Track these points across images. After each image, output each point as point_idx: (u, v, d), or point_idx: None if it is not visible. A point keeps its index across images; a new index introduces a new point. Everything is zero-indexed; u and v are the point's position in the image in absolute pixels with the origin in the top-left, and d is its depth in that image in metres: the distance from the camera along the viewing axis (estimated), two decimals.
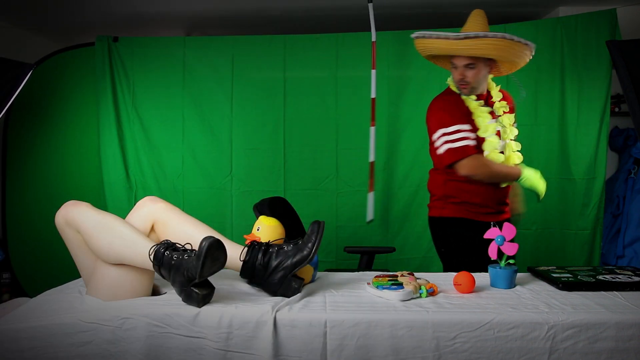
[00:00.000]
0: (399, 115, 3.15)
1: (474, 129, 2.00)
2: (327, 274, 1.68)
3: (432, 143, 2.06)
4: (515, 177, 2.06)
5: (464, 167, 1.96)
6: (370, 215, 2.88)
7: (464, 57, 1.99)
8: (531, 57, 2.02)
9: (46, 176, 3.43)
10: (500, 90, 2.16)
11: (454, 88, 2.11)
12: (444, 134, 1.97)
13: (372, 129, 2.91)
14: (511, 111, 2.17)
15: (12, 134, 3.43)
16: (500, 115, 2.10)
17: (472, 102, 2.05)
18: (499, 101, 2.12)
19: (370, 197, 2.89)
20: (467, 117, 2.01)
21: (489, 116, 2.03)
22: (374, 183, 2.93)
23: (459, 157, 1.95)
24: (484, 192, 2.03)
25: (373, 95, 2.89)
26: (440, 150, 1.99)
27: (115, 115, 3.24)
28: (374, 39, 2.84)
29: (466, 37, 1.90)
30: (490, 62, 2.05)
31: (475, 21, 2.02)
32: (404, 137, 3.15)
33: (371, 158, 2.91)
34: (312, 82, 3.21)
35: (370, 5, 2.80)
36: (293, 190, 3.17)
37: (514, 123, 2.16)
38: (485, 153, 2.00)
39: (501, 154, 2.04)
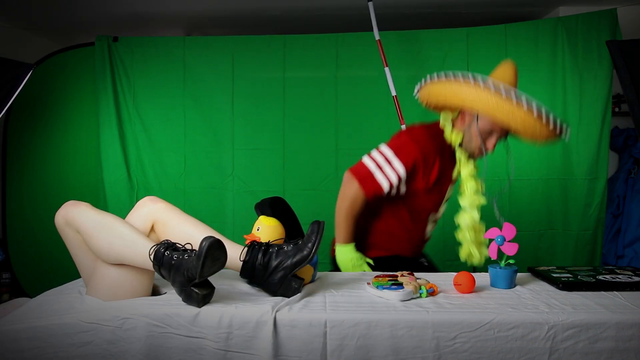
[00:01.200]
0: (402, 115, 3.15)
1: (436, 189, 1.82)
2: (327, 274, 1.68)
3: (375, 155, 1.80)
4: (336, 243, 1.84)
5: (348, 188, 1.76)
6: None
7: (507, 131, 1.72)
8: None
9: (46, 176, 3.44)
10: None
11: (451, 136, 1.81)
12: (386, 159, 1.74)
13: (403, 128, 2.81)
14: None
15: (12, 134, 3.43)
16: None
17: (465, 156, 1.82)
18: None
19: None
20: (439, 173, 1.78)
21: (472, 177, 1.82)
22: None
23: (365, 185, 1.74)
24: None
25: (394, 93, 2.79)
26: (366, 161, 1.78)
27: (116, 115, 3.24)
28: (377, 37, 2.81)
29: (554, 125, 1.59)
30: None
31: (514, 76, 1.72)
32: None
33: None
34: (312, 82, 3.21)
35: (371, 4, 2.80)
36: (293, 190, 3.17)
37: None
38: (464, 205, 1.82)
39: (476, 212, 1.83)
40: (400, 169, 1.73)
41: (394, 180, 1.74)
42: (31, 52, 3.47)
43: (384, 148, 1.78)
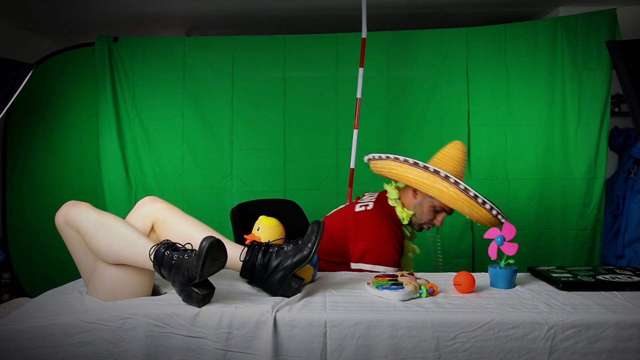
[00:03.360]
0: (398, 116, 3.15)
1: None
2: (327, 274, 1.68)
3: (358, 252, 1.83)
4: None
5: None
6: None
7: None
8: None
9: (46, 176, 3.44)
10: None
11: (402, 214, 1.90)
12: (373, 271, 1.78)
13: (355, 132, 2.76)
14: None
15: (12, 134, 3.43)
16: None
17: (407, 234, 1.95)
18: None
19: None
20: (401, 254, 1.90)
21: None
22: (352, 193, 2.74)
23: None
24: None
25: (359, 96, 2.77)
26: (364, 267, 1.81)
27: (115, 116, 3.24)
28: (364, 35, 2.78)
29: (491, 211, 1.73)
30: None
31: (463, 161, 1.87)
32: (403, 139, 3.15)
33: (352, 164, 2.77)
34: (312, 82, 3.21)
35: (364, 2, 2.77)
36: (293, 190, 3.17)
37: None
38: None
39: None
40: (391, 270, 1.79)
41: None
42: (31, 52, 3.47)
43: (376, 267, 1.80)
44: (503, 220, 1.75)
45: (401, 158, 1.80)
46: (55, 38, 3.78)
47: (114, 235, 1.35)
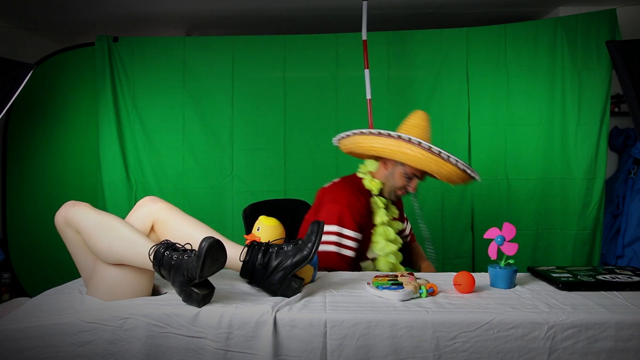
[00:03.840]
0: (399, 116, 3.14)
1: (366, 234, 1.94)
2: (327, 274, 1.68)
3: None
4: None
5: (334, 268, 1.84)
6: None
7: (427, 173, 1.92)
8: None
9: (46, 176, 3.44)
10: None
11: (369, 185, 1.99)
12: (339, 235, 1.86)
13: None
14: (400, 218, 2.13)
15: (12, 134, 3.43)
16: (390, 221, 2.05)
17: (380, 204, 1.98)
18: (391, 204, 2.07)
19: None
20: (367, 220, 1.94)
21: (387, 220, 1.99)
22: None
23: (341, 265, 1.84)
24: None
25: (369, 97, 2.80)
26: (328, 248, 1.85)
27: (115, 116, 3.24)
28: (364, 37, 2.80)
29: (457, 164, 1.78)
30: None
31: (428, 127, 1.94)
32: None
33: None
34: (312, 82, 3.21)
35: (365, 4, 2.78)
36: (293, 190, 3.17)
37: (402, 231, 2.13)
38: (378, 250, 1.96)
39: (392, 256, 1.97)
40: (353, 234, 1.87)
41: (355, 247, 1.89)
42: (31, 52, 3.47)
43: (334, 227, 1.87)
44: (472, 174, 1.82)
45: (366, 131, 1.88)
46: (55, 38, 3.78)
47: (114, 235, 1.35)
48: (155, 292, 1.48)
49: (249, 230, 2.16)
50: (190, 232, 1.42)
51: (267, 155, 3.21)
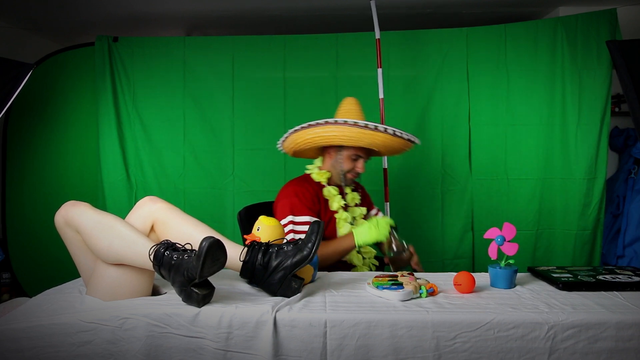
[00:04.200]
0: (401, 116, 3.15)
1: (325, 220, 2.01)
2: (327, 274, 1.68)
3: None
4: (350, 245, 1.92)
5: None
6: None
7: (368, 150, 2.00)
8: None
9: (46, 176, 3.43)
10: (355, 183, 2.21)
11: (318, 176, 2.09)
12: (293, 222, 1.93)
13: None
14: (364, 204, 2.20)
15: (12, 134, 3.43)
16: (351, 207, 2.14)
17: (333, 192, 2.07)
18: (352, 191, 2.16)
19: (387, 208, 2.79)
20: (320, 207, 2.02)
21: (342, 207, 2.07)
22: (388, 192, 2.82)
23: None
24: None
25: (381, 96, 2.80)
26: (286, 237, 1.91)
27: (115, 116, 3.23)
28: (377, 36, 2.80)
29: (386, 131, 1.88)
30: None
31: (359, 110, 2.04)
32: None
33: (384, 164, 2.84)
34: (312, 82, 3.20)
35: (373, 3, 2.79)
36: None
37: (366, 215, 2.19)
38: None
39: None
40: (307, 218, 1.94)
41: None
42: (31, 52, 3.47)
43: (287, 218, 1.94)
44: (409, 138, 1.91)
45: (298, 127, 1.96)
46: (55, 38, 3.78)
47: (114, 235, 1.35)
48: (155, 292, 1.48)
49: (243, 232, 2.16)
50: (190, 232, 1.42)
51: (268, 155, 3.20)
